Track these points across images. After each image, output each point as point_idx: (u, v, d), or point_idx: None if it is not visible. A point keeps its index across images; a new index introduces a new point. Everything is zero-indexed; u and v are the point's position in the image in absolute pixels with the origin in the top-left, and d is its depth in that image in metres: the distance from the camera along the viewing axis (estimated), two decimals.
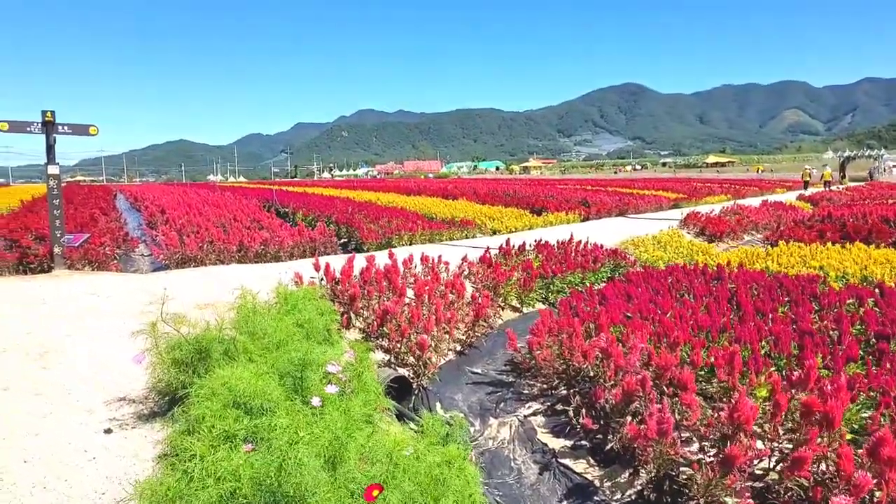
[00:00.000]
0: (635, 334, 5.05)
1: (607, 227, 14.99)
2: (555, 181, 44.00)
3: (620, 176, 64.95)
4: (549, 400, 5.33)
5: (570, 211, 17.69)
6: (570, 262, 8.66)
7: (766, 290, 6.73)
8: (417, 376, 5.51)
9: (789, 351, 4.76)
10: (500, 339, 6.95)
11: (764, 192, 30.60)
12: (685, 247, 11.26)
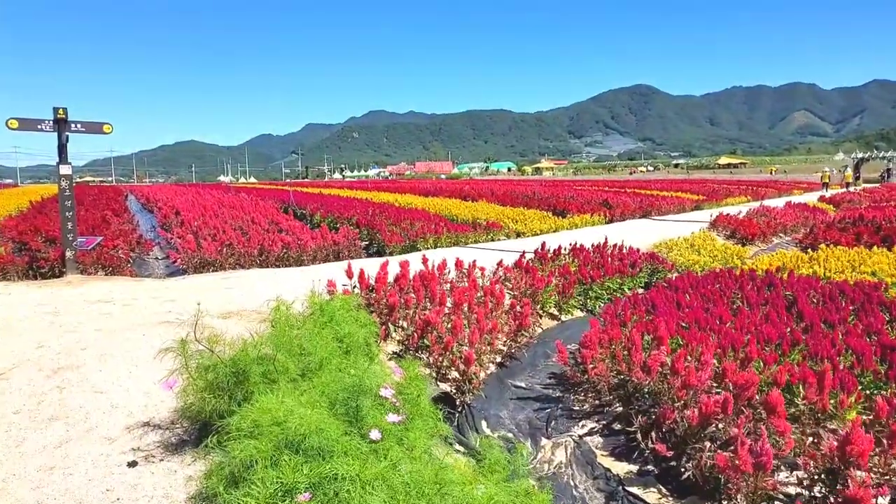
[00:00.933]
0: (702, 348, 4.59)
1: (634, 229, 14.50)
2: (570, 182, 43.47)
3: (635, 177, 64.30)
4: (604, 418, 4.89)
5: (594, 213, 17.20)
6: (609, 267, 8.20)
7: (826, 297, 6.25)
8: (461, 392, 5.08)
9: (875, 367, 4.30)
10: (541, 350, 6.52)
11: (782, 194, 30.03)
12: (719, 250, 10.78)
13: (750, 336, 4.87)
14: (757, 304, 6.08)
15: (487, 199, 21.91)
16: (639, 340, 4.79)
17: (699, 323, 5.41)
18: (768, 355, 4.48)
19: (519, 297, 6.95)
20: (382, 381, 3.25)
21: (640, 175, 78.35)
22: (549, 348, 6.60)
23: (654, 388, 4.59)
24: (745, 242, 12.44)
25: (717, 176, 61.79)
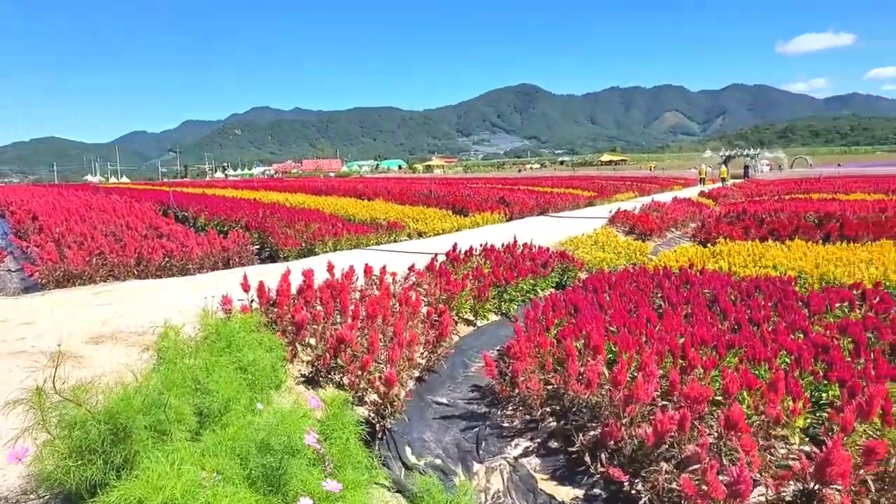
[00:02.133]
0: (642, 355, 4.32)
1: (536, 227, 14.45)
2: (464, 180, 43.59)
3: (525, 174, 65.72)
4: (538, 435, 4.51)
5: (493, 211, 17.06)
6: (522, 268, 7.91)
7: (744, 294, 6.24)
8: (382, 417, 4.54)
9: (814, 368, 4.19)
10: (459, 359, 6.10)
11: (664, 189, 31.51)
12: (622, 246, 10.85)
13: (685, 339, 4.67)
14: (678, 303, 5.95)
15: (384, 197, 21.33)
16: (574, 350, 4.45)
17: (628, 326, 5.17)
18: (706, 360, 4.27)
19: (434, 303, 6.49)
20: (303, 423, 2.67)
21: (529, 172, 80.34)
22: (467, 357, 6.19)
23: (593, 402, 4.28)
24: (643, 238, 12.66)
25: (602, 172, 64.34)
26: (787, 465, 3.50)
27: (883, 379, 3.84)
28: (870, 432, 3.51)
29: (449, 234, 13.83)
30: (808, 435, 3.84)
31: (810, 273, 7.49)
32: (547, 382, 4.77)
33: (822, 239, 10.66)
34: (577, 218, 17.13)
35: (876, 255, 8.24)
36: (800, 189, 22.99)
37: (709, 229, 12.34)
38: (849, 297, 5.91)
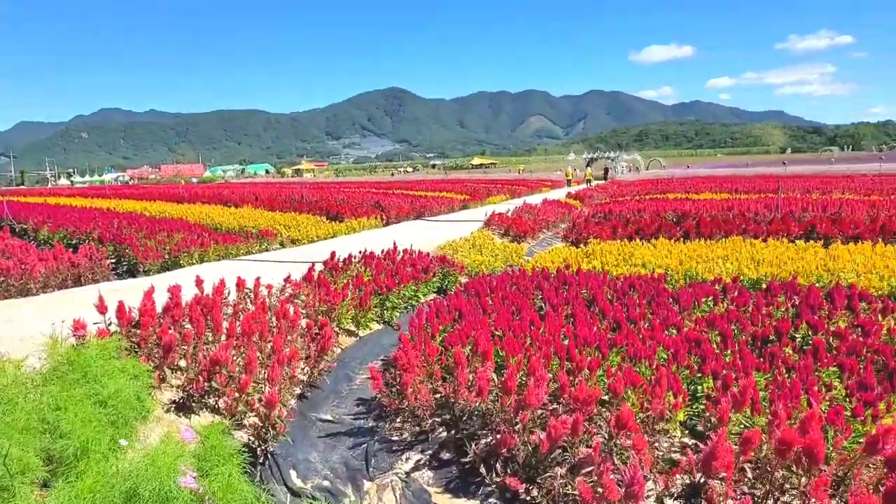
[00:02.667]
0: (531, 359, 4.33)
1: (414, 232, 14.41)
2: (336, 184, 42.88)
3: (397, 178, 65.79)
4: (429, 447, 4.40)
5: (369, 216, 16.83)
6: (403, 274, 7.80)
7: (619, 293, 6.50)
8: (263, 440, 4.23)
9: (690, 363, 4.40)
10: (342, 372, 5.88)
11: (533, 191, 32.67)
12: (499, 249, 11.04)
13: (569, 341, 4.75)
14: (559, 304, 6.08)
15: (252, 204, 20.45)
16: (463, 358, 4.39)
17: (513, 330, 5.19)
18: (591, 361, 4.36)
19: (314, 315, 6.21)
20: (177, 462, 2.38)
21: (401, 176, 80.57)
22: (350, 370, 5.98)
23: (484, 409, 4.23)
24: (518, 239, 12.97)
25: (473, 176, 65.76)
26: (671, 458, 3.63)
27: (750, 370, 4.09)
28: (742, 421, 3.72)
29: (324, 240, 13.45)
30: (688, 427, 4.01)
31: (676, 270, 7.95)
32: (436, 391, 4.67)
33: (682, 236, 11.42)
34: (454, 221, 17.30)
35: (730, 250, 8.92)
36: (657, 189, 24.63)
37: (579, 230, 12.84)
38: (712, 292, 6.32)
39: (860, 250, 8.56)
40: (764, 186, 22.34)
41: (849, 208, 13.26)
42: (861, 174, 32.51)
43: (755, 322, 5.28)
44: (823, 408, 3.58)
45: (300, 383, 5.24)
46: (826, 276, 7.25)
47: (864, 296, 5.93)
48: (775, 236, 10.73)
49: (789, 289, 6.33)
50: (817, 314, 5.43)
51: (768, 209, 13.92)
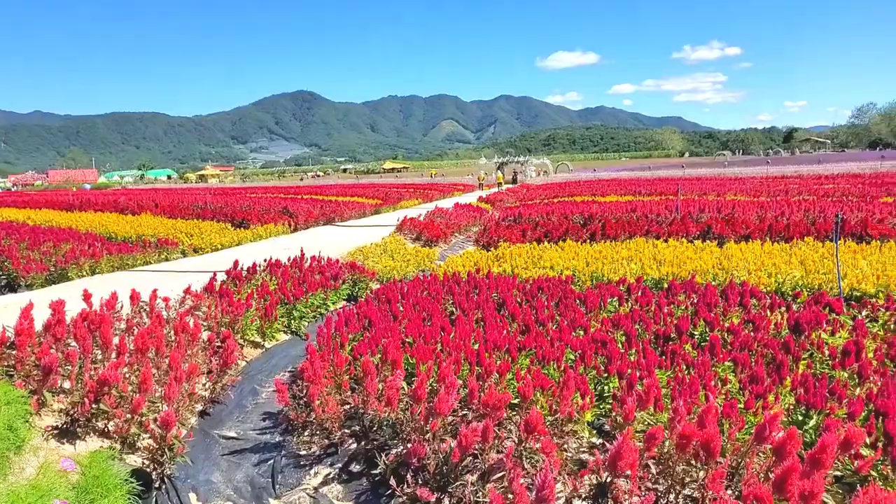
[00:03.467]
0: (441, 366, 4.27)
1: (323, 238, 14.12)
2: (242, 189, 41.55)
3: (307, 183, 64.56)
4: (339, 460, 4.26)
5: (277, 222, 16.34)
6: (311, 282, 7.59)
7: (528, 296, 6.57)
8: (160, 464, 3.96)
9: (597, 364, 4.48)
10: (248, 386, 5.64)
11: (446, 196, 32.89)
12: (411, 253, 10.99)
13: (479, 346, 4.74)
14: (470, 308, 6.07)
15: (152, 211, 19.45)
16: (372, 368, 4.28)
17: (424, 337, 5.12)
18: (501, 365, 4.35)
19: (216, 328, 5.91)
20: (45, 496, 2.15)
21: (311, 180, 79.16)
22: (256, 383, 5.75)
23: (394, 419, 4.13)
24: (430, 244, 12.95)
25: (385, 180, 65.48)
26: (580, 459, 3.67)
27: (653, 368, 4.20)
28: (647, 419, 3.81)
29: (229, 248, 12.94)
30: (595, 427, 4.07)
31: (583, 271, 8.13)
32: (345, 402, 4.54)
33: (589, 238, 11.74)
34: (365, 226, 17.11)
35: (634, 251, 9.23)
36: (565, 193, 25.32)
37: (490, 233, 12.97)
38: (617, 293, 6.49)
39: (751, 249, 9.07)
40: (665, 189, 23.40)
41: (740, 209, 14.05)
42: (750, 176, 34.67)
43: (658, 321, 5.46)
44: (720, 402, 3.72)
45: (201, 400, 4.98)
46: (721, 274, 7.61)
47: (755, 293, 6.26)
48: (675, 237, 11.22)
49: (689, 288, 6.60)
50: (713, 311, 5.67)
51: (669, 211, 14.55)
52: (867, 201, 15.25)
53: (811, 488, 2.39)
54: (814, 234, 10.28)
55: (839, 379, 4.09)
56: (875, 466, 3.11)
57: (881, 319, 5.54)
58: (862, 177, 28.73)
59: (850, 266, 7.50)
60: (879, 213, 12.22)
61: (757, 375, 3.95)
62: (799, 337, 4.86)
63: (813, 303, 5.87)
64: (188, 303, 6.41)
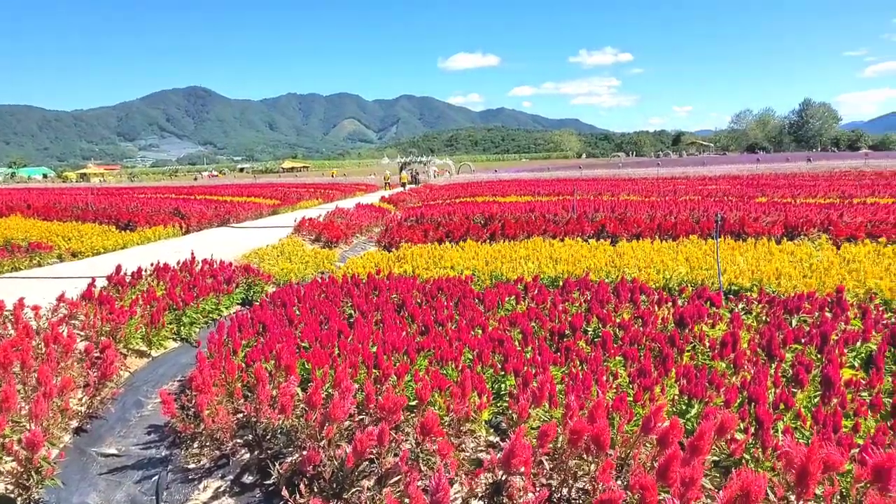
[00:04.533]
0: (336, 371, 4.16)
1: (217, 240, 13.55)
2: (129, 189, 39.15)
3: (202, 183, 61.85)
4: (231, 471, 4.07)
5: (167, 224, 15.52)
6: (202, 286, 7.23)
7: (429, 297, 6.55)
8: (25, 488, 3.62)
9: (494, 362, 4.51)
10: (132, 398, 5.31)
11: (347, 195, 32.52)
12: (310, 255, 10.75)
13: (377, 348, 4.66)
14: (369, 310, 5.98)
15: (23, 213, 17.97)
16: (265, 374, 4.11)
17: (321, 341, 4.99)
18: (399, 367, 4.30)
19: (95, 337, 5.51)
20: None
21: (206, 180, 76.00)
22: (141, 394, 5.42)
23: (288, 426, 3.99)
24: (330, 245, 12.72)
25: (284, 180, 63.81)
26: (477, 459, 3.67)
27: (548, 365, 4.28)
28: (542, 415, 3.87)
29: (113, 252, 12.14)
30: (492, 425, 4.10)
31: (482, 271, 8.22)
32: (237, 411, 4.35)
33: (489, 238, 11.91)
34: (262, 228, 16.57)
35: (531, 250, 9.44)
36: (467, 193, 25.61)
37: (392, 234, 12.91)
38: (515, 292, 6.60)
39: (641, 247, 9.50)
40: (562, 189, 24.14)
41: (633, 209, 14.71)
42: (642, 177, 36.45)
43: (553, 318, 5.59)
44: (610, 396, 3.84)
45: (77, 416, 4.62)
46: (614, 271, 7.91)
47: (644, 289, 6.54)
48: (571, 236, 11.59)
49: (583, 285, 6.81)
50: (606, 308, 5.87)
51: (566, 210, 15.02)
52: (745, 201, 16.37)
53: (691, 475, 2.49)
54: (698, 232, 10.90)
55: (717, 369, 4.33)
56: (748, 449, 3.30)
57: (755, 312, 5.92)
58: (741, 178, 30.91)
59: (728, 262, 8.00)
60: (755, 212, 13.15)
61: (645, 369, 4.11)
62: (683, 330, 5.10)
63: (696, 297, 6.20)
64: (62, 311, 5.93)
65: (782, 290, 6.68)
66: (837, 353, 4.47)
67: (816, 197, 17.58)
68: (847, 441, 3.15)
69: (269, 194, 27.98)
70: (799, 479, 2.54)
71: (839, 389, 3.76)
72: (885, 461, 2.45)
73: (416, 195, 28.19)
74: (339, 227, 13.85)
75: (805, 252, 8.82)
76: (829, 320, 5.30)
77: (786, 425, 3.50)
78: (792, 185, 23.37)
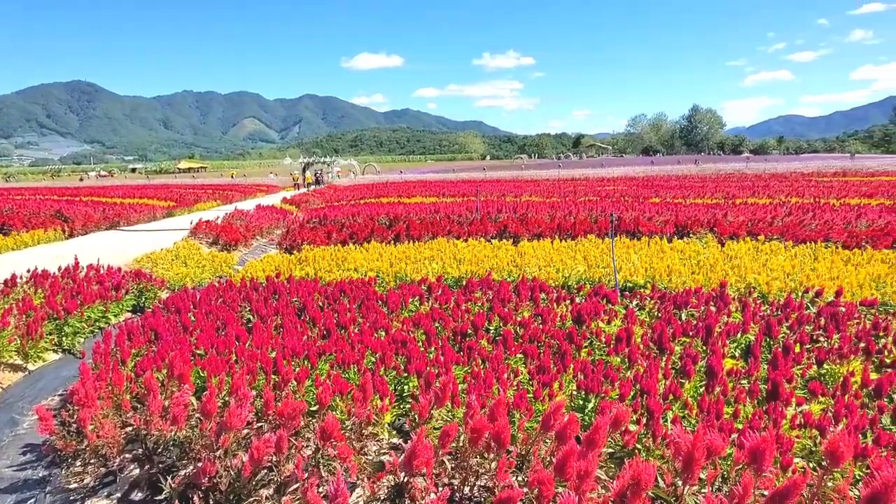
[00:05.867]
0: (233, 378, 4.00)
1: (106, 244, 12.74)
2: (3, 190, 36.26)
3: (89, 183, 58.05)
4: (118, 489, 3.83)
5: (47, 227, 14.44)
6: (87, 293, 6.77)
7: (331, 299, 6.43)
8: None
9: (397, 364, 4.48)
10: (5, 416, 4.94)
11: (247, 197, 31.52)
12: (207, 259, 10.32)
13: (277, 353, 4.52)
14: (268, 315, 5.80)
15: None
16: (156, 384, 3.89)
17: (217, 347, 4.79)
18: (300, 372, 4.19)
19: None
20: None
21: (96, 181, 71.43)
22: (15, 411, 5.02)
23: (182, 438, 3.79)
24: (229, 248, 12.27)
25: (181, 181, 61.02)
26: (380, 462, 3.64)
27: (451, 365, 4.30)
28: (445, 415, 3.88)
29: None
30: (396, 428, 4.07)
31: (387, 272, 8.17)
32: (126, 424, 4.10)
33: (394, 239, 11.87)
34: (155, 231, 15.75)
35: (436, 251, 9.48)
36: (372, 194, 25.42)
37: (294, 236, 12.61)
38: (419, 292, 6.59)
39: (542, 247, 9.75)
40: (467, 190, 24.43)
41: (534, 209, 15.10)
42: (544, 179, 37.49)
43: (456, 318, 5.63)
44: (511, 393, 3.90)
45: None
46: (515, 271, 8.08)
47: (544, 287, 6.71)
48: (475, 236, 11.74)
49: (485, 285, 6.90)
50: (507, 307, 5.98)
51: (470, 211, 15.20)
52: (640, 202, 17.18)
53: (586, 467, 2.56)
54: (596, 232, 11.33)
55: (613, 363, 4.51)
56: (640, 440, 3.45)
57: (647, 307, 6.21)
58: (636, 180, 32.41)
59: (624, 260, 8.35)
60: (649, 212, 13.82)
61: (544, 366, 4.21)
62: (581, 327, 5.28)
63: (593, 295, 6.43)
64: None
65: (673, 285, 7.04)
66: (720, 345, 4.77)
67: (704, 197, 18.71)
68: (728, 427, 3.35)
69: (164, 196, 26.67)
70: (685, 466, 2.67)
71: (721, 379, 4.01)
72: (759, 444, 2.62)
73: (320, 196, 27.71)
74: (237, 230, 13.38)
75: (693, 249, 9.36)
76: (714, 314, 5.64)
77: (675, 415, 3.69)
78: (683, 187, 24.74)
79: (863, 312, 5.86)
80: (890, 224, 11.15)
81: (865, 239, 9.89)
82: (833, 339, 5.01)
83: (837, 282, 6.69)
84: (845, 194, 18.63)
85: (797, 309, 5.78)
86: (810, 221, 11.95)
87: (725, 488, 2.97)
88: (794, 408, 3.74)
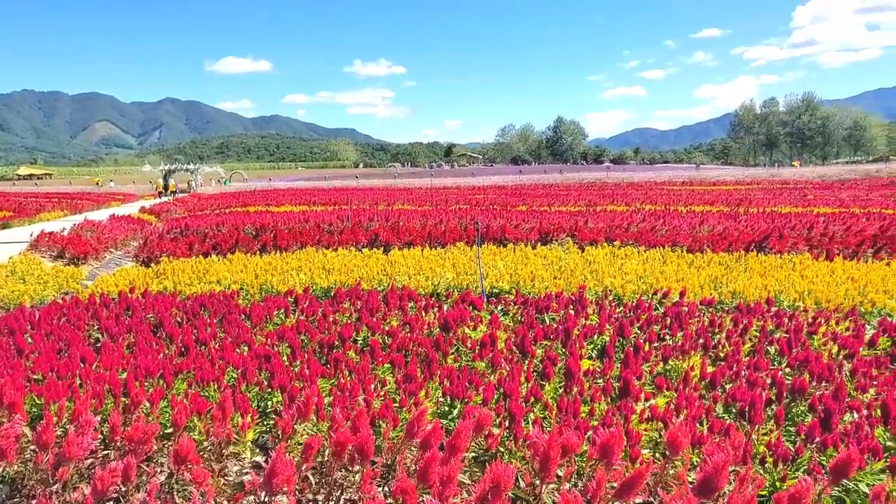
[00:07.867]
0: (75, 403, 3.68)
1: None
2: None
3: None
4: None
5: None
6: None
7: (190, 315, 6.10)
8: None
9: (259, 380, 4.33)
10: None
11: (100, 206, 29.35)
12: (49, 274, 9.45)
13: (127, 374, 4.22)
14: (120, 333, 5.41)
15: None
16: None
17: (58, 371, 4.39)
18: (153, 393, 3.94)
19: None
20: None
21: None
22: None
23: (13, 473, 3.44)
24: (77, 262, 11.30)
25: (20, 188, 55.63)
26: (241, 483, 3.49)
27: (316, 378, 4.22)
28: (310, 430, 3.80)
29: None
30: (259, 445, 3.93)
31: (252, 284, 7.88)
32: None
33: (260, 250, 11.49)
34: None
35: (304, 261, 9.28)
36: (238, 203, 24.48)
37: (151, 247, 11.87)
38: (284, 305, 6.42)
39: (412, 255, 9.83)
40: (339, 199, 24.16)
41: (406, 218, 15.19)
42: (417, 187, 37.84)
43: (322, 330, 5.54)
44: (378, 404, 3.89)
45: None
46: (385, 279, 8.08)
47: (413, 296, 6.77)
48: (346, 245, 11.62)
49: (354, 295, 6.85)
50: (376, 316, 5.97)
51: (341, 220, 15.04)
52: (508, 210, 17.79)
53: (448, 473, 2.61)
54: (465, 240, 11.59)
55: (478, 369, 4.62)
56: (503, 442, 3.56)
57: (511, 312, 6.43)
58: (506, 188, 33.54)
59: (490, 267, 8.60)
60: (516, 220, 14.34)
61: (411, 374, 4.24)
62: (448, 334, 5.37)
63: (460, 301, 6.56)
64: None
65: (536, 290, 7.34)
66: (578, 347, 5.03)
67: (568, 205, 19.72)
68: (584, 425, 3.53)
69: (1, 205, 24.19)
70: (542, 465, 2.79)
71: (579, 379, 4.23)
72: (608, 439, 2.79)
73: (182, 205, 26.30)
74: (87, 242, 12.37)
75: (556, 255, 9.82)
76: (573, 317, 5.94)
77: (535, 416, 3.83)
78: (549, 195, 25.94)
79: (702, 311, 6.42)
80: (727, 229, 12.31)
81: (707, 243, 10.87)
82: (677, 337, 5.43)
83: (682, 283, 7.27)
84: (692, 202, 20.38)
85: (647, 310, 6.22)
86: (661, 227, 12.94)
87: (581, 484, 3.13)
88: (643, 403, 4.00)
